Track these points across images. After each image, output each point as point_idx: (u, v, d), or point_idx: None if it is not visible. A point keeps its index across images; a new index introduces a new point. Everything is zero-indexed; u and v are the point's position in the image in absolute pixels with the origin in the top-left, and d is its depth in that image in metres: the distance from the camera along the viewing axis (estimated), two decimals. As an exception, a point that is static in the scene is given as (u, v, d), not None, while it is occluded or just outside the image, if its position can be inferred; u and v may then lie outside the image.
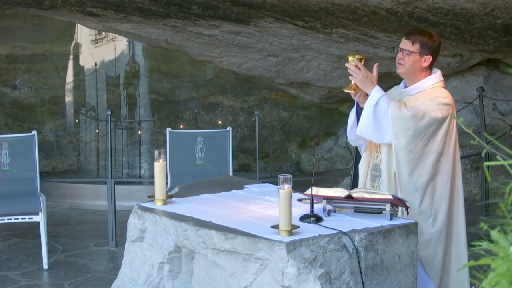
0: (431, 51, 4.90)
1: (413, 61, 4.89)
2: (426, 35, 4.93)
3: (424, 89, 4.92)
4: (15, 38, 10.62)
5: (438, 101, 4.84)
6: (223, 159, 7.60)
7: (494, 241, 2.19)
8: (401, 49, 4.92)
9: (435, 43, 4.92)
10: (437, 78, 4.97)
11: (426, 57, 4.89)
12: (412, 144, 4.78)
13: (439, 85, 4.95)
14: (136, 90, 10.75)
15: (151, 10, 7.51)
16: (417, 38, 4.90)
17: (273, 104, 10.70)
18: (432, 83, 4.94)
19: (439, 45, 4.97)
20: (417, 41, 4.89)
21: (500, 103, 8.86)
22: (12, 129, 10.37)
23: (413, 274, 4.44)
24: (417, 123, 4.77)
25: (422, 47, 4.89)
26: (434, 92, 4.91)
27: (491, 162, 2.22)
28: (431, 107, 4.81)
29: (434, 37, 4.94)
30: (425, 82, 4.93)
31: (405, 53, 4.90)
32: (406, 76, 4.96)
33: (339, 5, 6.70)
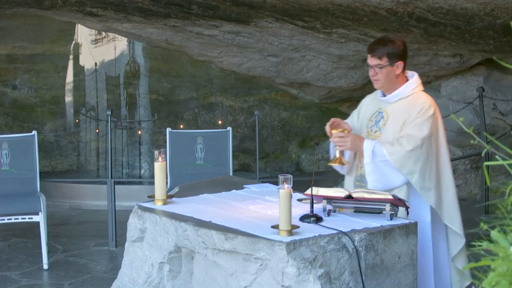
0: (399, 57, 4.88)
1: (386, 74, 4.88)
2: (389, 43, 4.88)
3: (404, 95, 4.93)
4: (15, 38, 10.62)
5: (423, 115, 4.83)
6: (223, 159, 7.60)
7: (494, 241, 2.19)
8: (371, 67, 4.91)
9: (400, 47, 4.89)
10: (416, 82, 4.97)
11: (397, 64, 4.87)
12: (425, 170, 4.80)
13: (419, 89, 4.96)
14: (136, 90, 10.75)
15: (151, 10, 7.51)
16: (382, 51, 4.86)
17: (273, 104, 10.70)
18: (412, 88, 4.94)
19: (404, 47, 4.93)
20: (383, 53, 4.86)
21: (500, 103, 8.86)
22: (12, 129, 10.37)
23: (413, 274, 4.44)
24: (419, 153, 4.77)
25: (390, 57, 4.86)
26: (415, 99, 4.90)
27: (491, 162, 2.22)
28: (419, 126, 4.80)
29: (397, 42, 4.90)
30: (404, 89, 4.93)
31: (376, 69, 4.88)
32: (384, 88, 4.95)
33: (339, 5, 6.70)
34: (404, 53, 4.91)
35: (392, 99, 4.94)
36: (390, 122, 4.91)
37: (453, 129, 8.94)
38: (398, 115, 4.89)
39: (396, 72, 4.87)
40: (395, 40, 4.92)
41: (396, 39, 4.96)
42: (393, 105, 4.94)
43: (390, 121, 4.91)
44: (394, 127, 4.89)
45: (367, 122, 5.03)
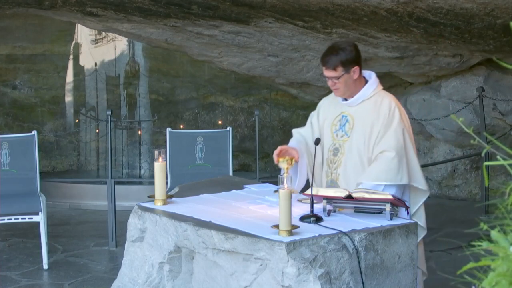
0: (354, 62, 4.87)
1: (344, 82, 4.88)
2: (340, 52, 4.86)
3: (367, 97, 4.94)
4: (15, 38, 10.62)
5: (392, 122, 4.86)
6: (223, 159, 7.59)
7: (494, 241, 2.19)
8: (328, 78, 4.91)
9: (352, 52, 4.88)
10: (375, 82, 4.98)
11: (353, 70, 4.87)
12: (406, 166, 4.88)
13: (379, 89, 4.98)
14: (136, 90, 10.74)
15: (151, 10, 7.51)
16: (335, 61, 4.84)
17: (273, 104, 10.70)
18: (373, 89, 4.95)
19: (356, 50, 4.92)
20: (336, 63, 4.85)
21: (500, 103, 8.86)
22: (12, 129, 10.36)
23: (413, 274, 4.44)
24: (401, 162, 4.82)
25: (344, 66, 4.85)
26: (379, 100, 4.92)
27: (491, 162, 2.22)
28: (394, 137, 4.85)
29: (347, 48, 4.89)
30: (365, 91, 4.94)
31: (333, 80, 4.88)
32: (345, 95, 4.96)
33: (339, 5, 6.70)
34: (357, 57, 4.89)
35: (354, 102, 4.95)
36: (358, 125, 4.92)
37: (453, 129, 8.94)
38: (365, 118, 4.91)
39: (354, 78, 4.88)
40: (345, 47, 4.89)
41: (346, 45, 4.94)
42: (357, 108, 4.95)
43: (358, 125, 4.92)
44: (363, 130, 4.90)
45: (330, 127, 5.02)
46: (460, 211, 8.70)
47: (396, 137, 4.83)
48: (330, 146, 4.97)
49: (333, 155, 4.97)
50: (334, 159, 4.96)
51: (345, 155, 4.92)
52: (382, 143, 4.83)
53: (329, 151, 4.98)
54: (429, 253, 7.25)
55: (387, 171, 4.80)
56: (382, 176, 4.80)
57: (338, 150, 4.96)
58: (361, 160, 4.89)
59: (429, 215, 5.04)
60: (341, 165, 4.93)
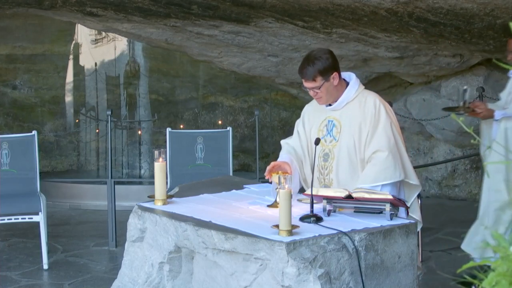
0: (331, 69, 4.85)
1: (326, 89, 4.88)
2: (316, 61, 4.84)
3: (350, 99, 4.94)
4: (15, 38, 10.62)
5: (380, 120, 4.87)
6: (223, 159, 7.60)
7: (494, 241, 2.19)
8: (309, 89, 4.91)
9: (328, 59, 4.85)
10: (356, 83, 4.98)
11: (332, 76, 4.86)
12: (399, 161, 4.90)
13: (361, 89, 4.98)
14: (136, 90, 10.74)
15: (151, 10, 7.51)
16: (313, 72, 4.83)
17: (273, 104, 10.70)
18: (355, 90, 4.95)
19: (332, 57, 4.90)
20: (315, 74, 4.83)
21: (500, 103, 8.86)
22: (12, 129, 10.36)
23: (413, 274, 4.44)
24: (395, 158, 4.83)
25: (322, 74, 4.83)
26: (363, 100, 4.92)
27: (491, 162, 2.22)
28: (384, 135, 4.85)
29: (323, 56, 4.87)
30: (348, 94, 4.94)
31: (314, 90, 4.88)
32: (328, 102, 4.96)
33: (339, 5, 6.70)
34: (334, 63, 4.88)
35: (339, 106, 4.95)
36: (345, 128, 4.92)
37: (453, 129, 8.94)
38: (351, 120, 4.91)
39: (334, 84, 4.87)
40: (320, 55, 4.87)
41: (321, 53, 4.91)
42: (342, 111, 4.94)
43: (345, 128, 4.92)
44: (351, 132, 4.90)
45: (317, 133, 5.02)
46: (460, 211, 8.70)
47: (386, 135, 4.84)
48: (320, 152, 4.96)
49: (323, 161, 4.97)
50: (325, 165, 4.97)
51: (335, 159, 4.92)
52: (373, 143, 4.83)
53: (319, 157, 4.97)
54: (429, 253, 7.25)
55: (384, 170, 4.80)
56: (381, 176, 4.80)
57: (328, 156, 4.96)
58: (352, 162, 4.88)
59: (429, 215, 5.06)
60: (333, 170, 4.93)
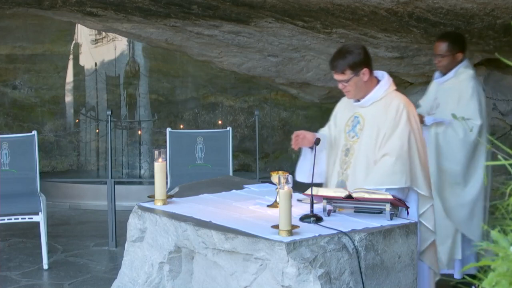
0: (362, 64, 4.87)
1: (354, 84, 4.89)
2: (347, 55, 4.86)
3: (377, 98, 4.95)
4: (15, 38, 10.61)
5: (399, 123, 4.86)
6: (223, 159, 7.59)
7: (494, 241, 2.19)
8: (338, 81, 4.92)
9: (360, 55, 4.88)
10: (387, 83, 4.97)
11: (362, 72, 4.87)
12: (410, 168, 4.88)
13: (391, 90, 4.97)
14: (136, 90, 10.74)
15: (151, 10, 7.51)
16: (343, 65, 4.86)
17: (273, 104, 10.70)
18: (384, 90, 4.95)
19: (365, 52, 4.93)
20: (345, 67, 4.85)
21: (500, 103, 8.86)
22: (12, 129, 10.36)
23: (413, 274, 4.44)
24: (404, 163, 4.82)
25: (353, 69, 4.86)
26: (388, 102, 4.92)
27: (491, 162, 2.22)
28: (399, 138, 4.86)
29: (355, 51, 4.89)
30: (376, 92, 4.94)
31: (343, 83, 4.89)
32: (357, 97, 4.97)
33: (339, 5, 6.70)
34: (366, 59, 4.90)
35: (366, 103, 4.96)
36: (367, 127, 4.93)
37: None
38: (373, 120, 4.92)
39: (364, 80, 4.88)
40: (353, 50, 4.89)
41: (354, 47, 4.94)
42: (368, 109, 4.96)
43: (367, 126, 4.93)
44: (371, 132, 4.92)
45: (344, 127, 5.04)
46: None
47: (400, 141, 4.82)
48: (343, 146, 5.00)
49: (344, 155, 5.00)
50: (345, 159, 4.99)
51: (354, 156, 4.94)
52: (386, 146, 4.84)
53: (342, 152, 5.01)
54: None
55: (390, 174, 4.80)
56: (387, 180, 4.80)
57: (349, 151, 4.99)
58: (368, 162, 4.89)
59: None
60: (351, 166, 4.95)
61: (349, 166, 4.96)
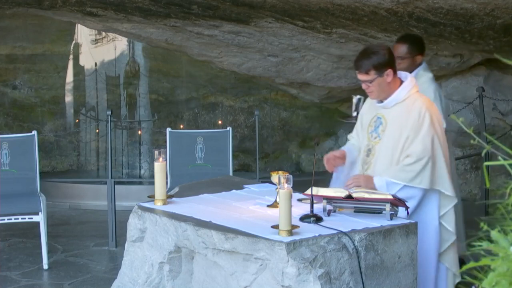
0: (386, 65, 4.87)
1: (378, 85, 4.89)
2: (372, 55, 4.87)
3: (400, 100, 4.94)
4: (15, 38, 10.61)
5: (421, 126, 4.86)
6: (223, 159, 7.59)
7: (494, 241, 2.19)
8: (361, 82, 4.92)
9: (385, 55, 4.88)
10: (410, 84, 4.97)
11: (386, 73, 4.87)
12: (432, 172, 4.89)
13: (414, 91, 4.96)
14: (136, 90, 10.74)
15: (151, 10, 7.51)
16: (368, 65, 4.86)
17: (273, 104, 10.70)
18: (407, 91, 4.94)
19: (389, 53, 4.93)
20: (369, 67, 4.86)
21: (500, 103, 8.86)
22: (12, 129, 10.36)
23: (413, 274, 4.44)
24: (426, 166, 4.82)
25: (377, 69, 4.85)
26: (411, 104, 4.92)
27: (491, 162, 2.22)
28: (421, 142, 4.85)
29: (380, 51, 4.89)
30: (399, 94, 4.94)
31: (367, 83, 4.90)
32: (379, 97, 4.97)
33: (339, 5, 6.70)
34: (390, 60, 4.90)
35: (388, 104, 4.96)
36: (389, 128, 4.94)
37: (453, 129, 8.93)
38: (396, 122, 4.92)
39: (387, 80, 4.88)
40: (378, 50, 4.89)
41: (379, 48, 4.94)
42: (390, 110, 4.96)
43: (389, 128, 4.94)
44: (393, 133, 4.92)
45: (367, 128, 5.07)
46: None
47: (423, 144, 4.82)
48: (365, 146, 5.02)
49: (366, 155, 5.03)
50: (366, 159, 5.01)
51: (375, 156, 4.96)
52: (409, 149, 4.85)
53: (364, 152, 5.03)
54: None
55: (406, 172, 4.81)
56: (401, 176, 4.82)
57: (370, 151, 5.01)
58: (388, 163, 4.90)
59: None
60: (371, 166, 4.97)
61: (370, 166, 4.98)
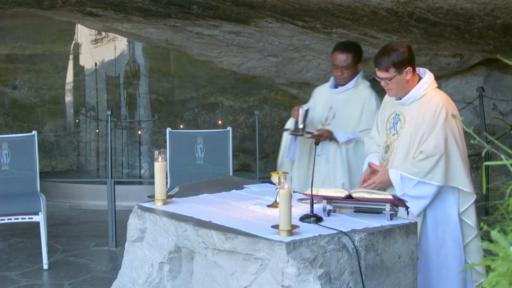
0: (406, 63, 4.88)
1: (397, 82, 4.90)
2: (392, 53, 4.87)
3: (418, 97, 4.95)
4: (15, 38, 10.61)
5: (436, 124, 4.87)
6: (223, 159, 7.59)
7: (494, 241, 2.19)
8: (381, 79, 4.93)
9: (405, 53, 4.88)
10: (428, 81, 4.97)
11: (406, 71, 4.88)
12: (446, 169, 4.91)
13: (431, 88, 4.96)
14: (136, 90, 10.74)
15: (151, 10, 7.51)
16: (387, 63, 4.86)
17: (273, 104, 10.70)
18: (424, 88, 4.95)
19: (409, 51, 4.93)
20: (389, 65, 4.86)
21: (500, 103, 8.86)
22: (12, 129, 10.36)
23: (413, 274, 4.44)
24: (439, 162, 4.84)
25: (396, 67, 4.86)
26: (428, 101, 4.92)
27: (491, 162, 2.22)
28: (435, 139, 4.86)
29: (400, 50, 4.89)
30: (417, 90, 4.94)
31: (386, 81, 4.90)
32: (398, 95, 4.97)
33: (339, 5, 6.70)
34: (410, 58, 4.91)
35: (406, 101, 4.97)
36: (407, 125, 4.96)
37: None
38: (413, 119, 4.95)
39: (407, 78, 4.89)
40: (398, 48, 4.90)
41: (399, 46, 4.94)
42: (409, 107, 4.97)
43: (407, 124, 4.96)
44: (410, 130, 4.94)
45: (385, 124, 5.08)
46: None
47: (436, 141, 4.83)
48: (384, 143, 5.04)
49: (384, 152, 5.06)
50: (385, 156, 5.04)
51: (393, 153, 4.98)
52: (423, 145, 4.86)
53: (383, 148, 5.05)
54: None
55: (418, 167, 4.83)
56: (413, 171, 4.83)
57: (388, 148, 5.03)
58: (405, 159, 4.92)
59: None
60: (389, 163, 4.99)
61: (388, 162, 5.01)
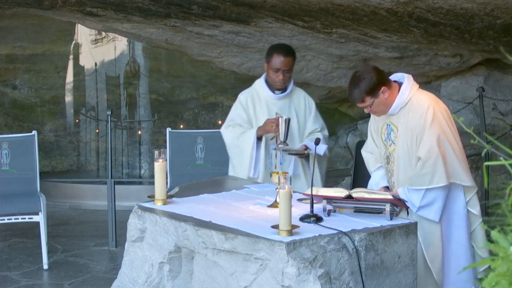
0: (378, 85, 4.87)
1: (378, 105, 4.92)
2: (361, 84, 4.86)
3: (403, 104, 4.95)
4: (15, 38, 10.61)
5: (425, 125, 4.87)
6: (223, 159, 7.58)
7: (494, 241, 2.19)
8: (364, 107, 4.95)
9: (373, 78, 4.87)
10: (408, 86, 4.97)
11: (381, 91, 4.87)
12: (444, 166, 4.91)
13: (414, 91, 4.96)
14: (136, 90, 10.74)
15: (151, 10, 7.51)
16: (360, 94, 4.87)
17: (273, 104, 10.68)
18: (407, 94, 4.95)
19: (376, 72, 4.92)
20: (363, 96, 4.87)
21: (500, 103, 8.86)
22: (12, 129, 10.36)
23: (413, 274, 4.44)
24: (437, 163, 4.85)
25: (371, 93, 4.86)
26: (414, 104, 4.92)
27: (491, 162, 2.22)
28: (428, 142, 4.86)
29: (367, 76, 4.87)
30: (401, 98, 4.95)
31: (368, 108, 4.92)
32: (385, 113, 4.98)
33: (339, 5, 6.70)
34: (380, 79, 4.89)
35: (394, 111, 4.98)
36: (400, 133, 4.97)
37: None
38: (405, 125, 4.96)
39: (385, 97, 4.89)
40: (365, 76, 4.88)
41: (365, 73, 4.92)
42: (398, 116, 4.99)
43: (400, 133, 4.97)
44: (406, 138, 4.95)
45: (380, 136, 5.09)
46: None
47: (428, 144, 4.84)
48: (384, 154, 5.05)
49: (386, 163, 5.07)
50: (388, 167, 5.06)
51: (395, 163, 4.98)
52: (419, 151, 4.87)
53: (384, 160, 5.06)
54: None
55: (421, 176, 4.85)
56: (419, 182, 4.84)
57: (389, 159, 5.04)
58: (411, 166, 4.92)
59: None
60: (394, 173, 4.99)
61: (393, 174, 5.01)
